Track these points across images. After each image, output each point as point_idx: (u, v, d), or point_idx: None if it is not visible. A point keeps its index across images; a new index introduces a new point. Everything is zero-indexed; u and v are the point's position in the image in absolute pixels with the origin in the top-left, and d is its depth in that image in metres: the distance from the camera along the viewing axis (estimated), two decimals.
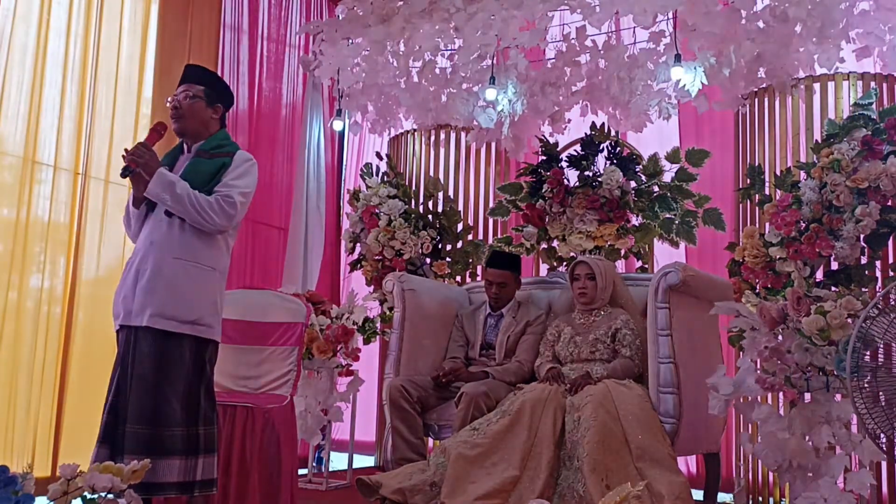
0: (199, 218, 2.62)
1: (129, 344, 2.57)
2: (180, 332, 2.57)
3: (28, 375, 3.84)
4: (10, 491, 1.75)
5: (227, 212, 2.66)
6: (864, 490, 2.61)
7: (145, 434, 2.48)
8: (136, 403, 2.50)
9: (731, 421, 4.11)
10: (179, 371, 2.56)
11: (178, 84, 2.81)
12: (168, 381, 2.54)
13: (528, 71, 4.77)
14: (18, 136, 3.91)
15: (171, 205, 2.60)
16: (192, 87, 2.76)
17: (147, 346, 2.54)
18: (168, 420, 2.51)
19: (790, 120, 4.07)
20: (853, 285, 3.67)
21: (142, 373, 2.52)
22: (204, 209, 2.61)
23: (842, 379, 2.59)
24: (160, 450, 2.48)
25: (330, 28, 5.13)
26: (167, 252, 2.61)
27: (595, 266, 3.51)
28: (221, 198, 2.66)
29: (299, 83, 5.59)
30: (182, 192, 2.59)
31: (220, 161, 2.73)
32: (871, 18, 3.80)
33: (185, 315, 2.58)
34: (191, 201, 2.60)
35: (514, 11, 4.39)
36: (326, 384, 4.17)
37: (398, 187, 5.06)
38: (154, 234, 2.65)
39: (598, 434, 2.91)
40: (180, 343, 2.58)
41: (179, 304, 2.57)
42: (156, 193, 2.59)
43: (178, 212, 2.61)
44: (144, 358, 2.53)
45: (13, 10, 3.91)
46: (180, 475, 2.51)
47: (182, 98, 2.75)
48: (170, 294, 2.57)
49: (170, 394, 2.53)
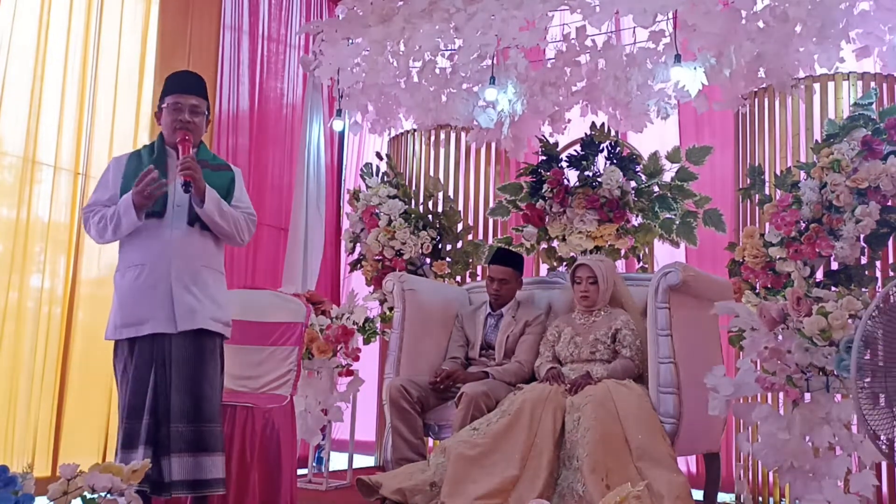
0: (236, 234, 2.73)
1: (164, 348, 2.61)
2: (215, 332, 2.69)
3: (28, 375, 3.84)
4: (10, 491, 1.75)
5: (252, 230, 2.81)
6: (868, 491, 2.61)
7: (190, 431, 2.57)
8: (180, 403, 2.57)
9: (731, 421, 4.11)
10: (215, 369, 2.69)
11: (178, 89, 2.75)
12: (208, 379, 2.64)
13: (528, 71, 4.76)
14: (18, 136, 3.91)
15: (216, 220, 2.66)
16: (199, 102, 2.78)
17: (191, 348, 2.62)
18: (211, 417, 2.62)
19: (790, 120, 4.07)
20: (853, 285, 3.67)
21: (186, 374, 2.60)
22: (241, 227, 2.74)
23: (842, 379, 2.59)
24: (205, 446, 2.57)
25: (330, 28, 5.12)
26: (195, 260, 2.68)
27: (597, 269, 3.51)
28: (248, 216, 2.78)
29: (299, 83, 5.59)
30: (227, 209, 2.69)
31: (227, 175, 2.80)
32: (871, 18, 3.79)
33: (225, 317, 2.74)
34: (234, 219, 2.71)
35: (514, 11, 4.38)
36: (326, 384, 4.16)
37: (398, 187, 5.06)
38: (176, 243, 2.65)
39: (598, 434, 2.91)
40: (214, 343, 2.70)
41: (219, 309, 2.71)
42: (210, 210, 2.64)
43: (218, 227, 2.68)
44: (188, 360, 2.61)
45: (13, 11, 3.91)
46: (223, 471, 2.62)
47: (193, 115, 2.74)
48: (210, 300, 2.68)
49: (209, 391, 2.63)
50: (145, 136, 4.45)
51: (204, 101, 2.78)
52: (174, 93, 2.74)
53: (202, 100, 2.78)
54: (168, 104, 2.74)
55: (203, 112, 2.77)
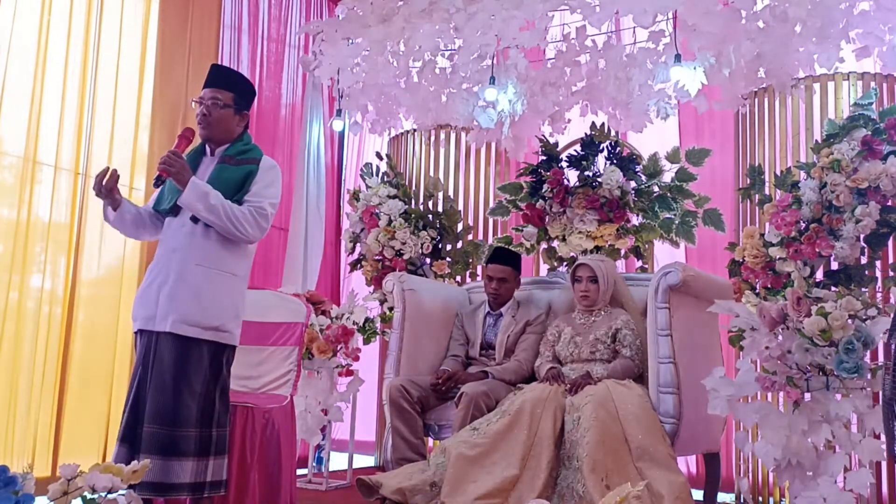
0: (233, 229, 2.64)
1: (149, 347, 2.60)
2: (201, 338, 2.60)
3: (28, 375, 3.84)
4: (10, 491, 1.75)
5: (261, 224, 2.69)
6: (864, 489, 2.61)
7: (162, 434, 2.52)
8: (154, 404, 2.54)
9: (731, 421, 4.11)
10: (198, 375, 2.60)
11: (205, 85, 2.78)
12: (187, 384, 2.57)
13: (528, 71, 4.76)
14: (19, 136, 3.91)
15: (204, 215, 2.60)
16: (223, 94, 2.76)
17: (168, 351, 2.57)
18: (184, 421, 2.55)
19: (790, 120, 4.07)
20: (853, 285, 3.67)
21: (162, 375, 2.56)
22: (239, 221, 2.63)
23: (842, 379, 2.60)
24: (175, 451, 2.52)
25: (330, 28, 5.12)
26: (190, 259, 2.63)
27: (597, 268, 3.51)
28: (255, 209, 2.67)
29: (299, 83, 5.59)
30: (216, 202, 2.60)
31: (246, 168, 2.72)
32: (871, 18, 3.79)
33: (208, 322, 2.61)
34: (225, 213, 2.61)
35: (514, 11, 4.38)
36: (326, 384, 4.16)
37: (398, 187, 5.06)
38: (176, 241, 2.67)
39: (598, 434, 2.91)
40: (200, 348, 2.61)
41: (202, 311, 2.61)
42: (190, 203, 2.59)
43: (210, 222, 2.62)
44: (165, 361, 2.57)
45: (13, 11, 3.91)
46: (192, 476, 2.55)
47: (211, 105, 2.74)
48: (193, 301, 2.60)
49: (188, 396, 2.56)
50: (145, 136, 4.45)
51: (228, 92, 2.76)
52: (203, 89, 2.79)
53: (225, 92, 2.76)
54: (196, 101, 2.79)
55: (227, 104, 2.75)
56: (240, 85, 2.84)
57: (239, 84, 2.84)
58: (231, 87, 2.79)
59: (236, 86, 2.82)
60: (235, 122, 2.80)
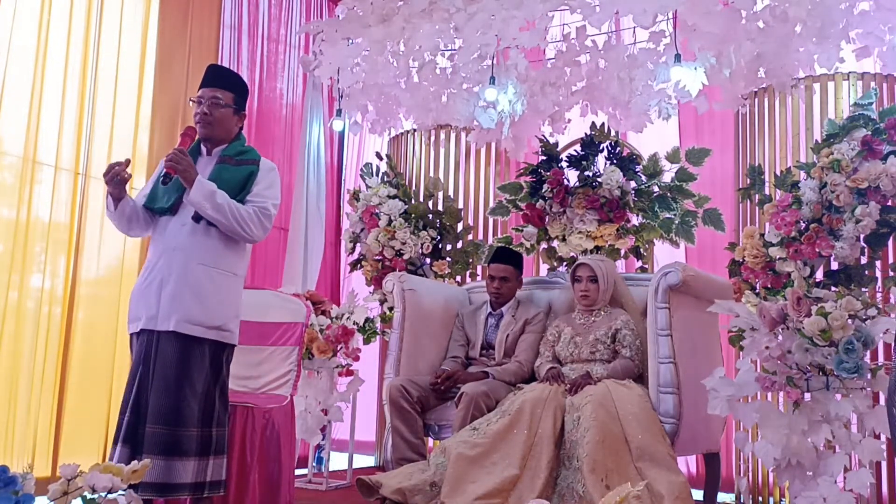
0: (238, 228, 2.65)
1: (150, 346, 2.60)
2: (204, 337, 2.61)
3: (28, 375, 3.84)
4: (10, 491, 1.75)
5: (265, 224, 2.71)
6: (864, 489, 2.61)
7: (165, 434, 2.52)
8: (156, 404, 2.54)
9: (731, 421, 4.11)
10: (200, 374, 2.60)
11: (203, 84, 2.79)
12: (189, 383, 2.57)
13: (528, 71, 4.76)
14: (19, 136, 3.91)
15: (210, 213, 2.61)
16: (223, 94, 2.77)
17: (171, 350, 2.57)
18: (186, 421, 2.55)
19: (790, 120, 4.07)
20: (853, 285, 3.67)
21: (165, 375, 2.56)
22: (245, 220, 2.65)
23: (842, 379, 2.59)
24: (177, 450, 2.52)
25: (330, 28, 5.12)
26: (192, 258, 2.63)
27: (597, 268, 3.51)
28: (259, 209, 2.69)
29: (299, 83, 5.60)
30: (223, 201, 2.61)
31: (247, 169, 2.74)
32: (871, 18, 3.79)
33: (210, 321, 2.63)
34: (231, 212, 2.62)
35: (514, 11, 4.38)
36: (326, 384, 4.17)
37: (398, 187, 5.06)
38: (176, 240, 2.66)
39: (598, 434, 2.91)
40: (202, 347, 2.62)
41: (205, 311, 2.62)
42: (197, 201, 2.59)
43: (216, 221, 2.63)
44: (168, 361, 2.57)
45: (13, 11, 3.91)
46: (193, 476, 2.56)
47: (212, 105, 2.74)
48: (196, 300, 2.60)
49: (189, 396, 2.57)
50: (145, 136, 4.45)
51: (228, 92, 2.77)
52: (201, 88, 2.79)
53: (225, 91, 2.77)
54: (194, 100, 2.79)
55: (226, 104, 2.76)
56: (239, 85, 2.86)
57: (238, 84, 2.86)
58: (231, 87, 2.81)
59: (236, 86, 2.84)
60: (234, 122, 2.82)
